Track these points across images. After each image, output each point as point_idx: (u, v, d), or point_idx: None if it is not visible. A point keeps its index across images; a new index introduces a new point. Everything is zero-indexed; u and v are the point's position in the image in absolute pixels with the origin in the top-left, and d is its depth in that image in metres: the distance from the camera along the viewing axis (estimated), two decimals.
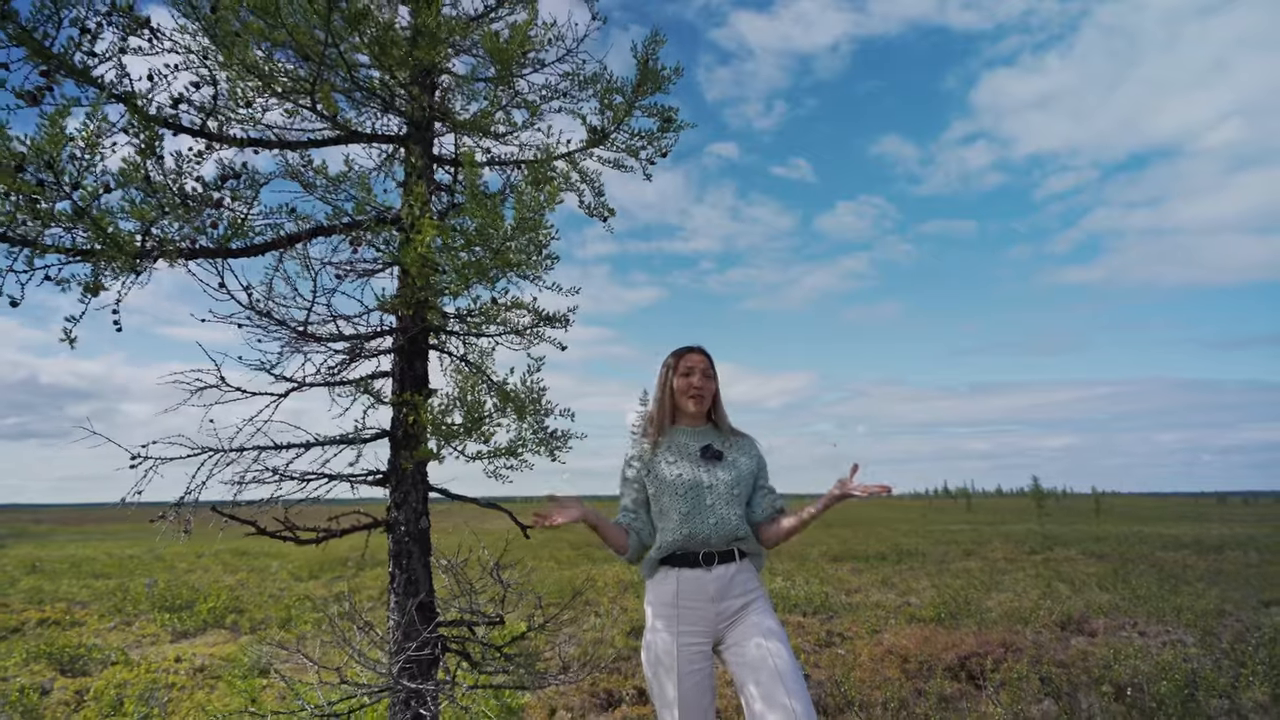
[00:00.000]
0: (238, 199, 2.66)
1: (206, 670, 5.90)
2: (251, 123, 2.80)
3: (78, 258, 2.35)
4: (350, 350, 2.90)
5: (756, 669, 2.16)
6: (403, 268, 2.81)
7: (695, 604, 2.30)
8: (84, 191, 2.14)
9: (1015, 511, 69.14)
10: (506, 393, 2.88)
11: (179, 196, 2.46)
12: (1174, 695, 4.43)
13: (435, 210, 3.13)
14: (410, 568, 2.90)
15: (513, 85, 3.02)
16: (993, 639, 6.34)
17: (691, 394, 2.40)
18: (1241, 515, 55.11)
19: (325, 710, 2.62)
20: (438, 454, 2.79)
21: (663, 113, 3.38)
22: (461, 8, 3.47)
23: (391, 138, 3.22)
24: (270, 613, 9.25)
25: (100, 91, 2.45)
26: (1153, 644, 6.60)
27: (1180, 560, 15.73)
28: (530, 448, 2.94)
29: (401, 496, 2.95)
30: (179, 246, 2.52)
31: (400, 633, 2.75)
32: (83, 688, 5.22)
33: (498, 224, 2.44)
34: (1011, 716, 4.30)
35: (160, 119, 2.50)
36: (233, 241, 2.71)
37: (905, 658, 5.81)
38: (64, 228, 2.28)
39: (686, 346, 2.49)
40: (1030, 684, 4.89)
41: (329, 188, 2.98)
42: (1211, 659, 5.55)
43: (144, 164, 2.29)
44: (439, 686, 2.69)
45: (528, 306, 2.96)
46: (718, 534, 2.30)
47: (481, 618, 2.91)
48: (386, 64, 2.88)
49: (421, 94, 3.11)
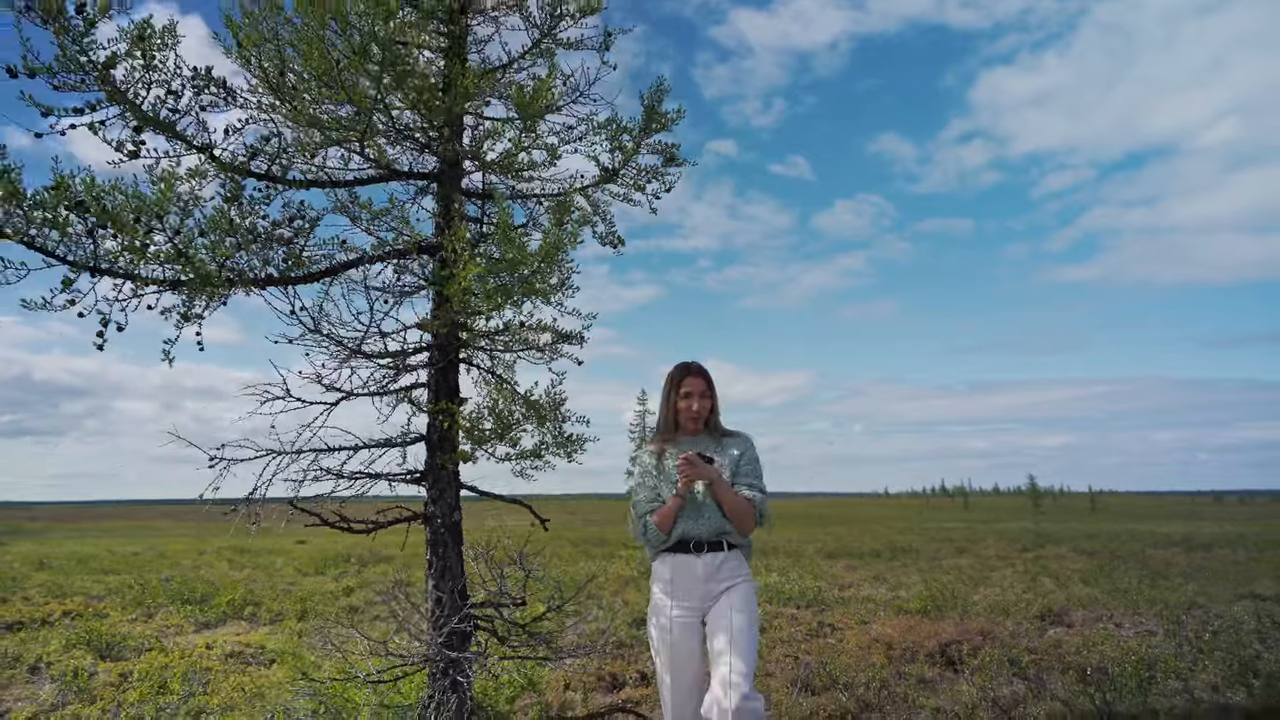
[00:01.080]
0: (299, 234, 3.07)
1: (238, 656, 6.31)
2: (308, 165, 3.20)
3: (172, 289, 2.75)
4: (395, 365, 3.31)
5: (718, 634, 2.63)
6: (442, 294, 3.21)
7: (687, 584, 2.74)
8: (183, 236, 2.54)
9: (1011, 510, 69.68)
10: (532, 403, 3.30)
11: (251, 234, 2.87)
12: (1132, 677, 4.85)
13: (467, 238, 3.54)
14: (445, 556, 3.31)
15: (535, 131, 3.43)
16: (973, 628, 6.76)
17: (691, 415, 2.82)
18: (1236, 514, 55.62)
19: (376, 677, 3.03)
20: (473, 456, 3.20)
21: (666, 150, 3.79)
22: (486, 54, 3.89)
23: (426, 175, 3.63)
24: (285, 605, 9.66)
25: (185, 144, 2.86)
26: (1124, 634, 7.01)
27: (1166, 557, 16.18)
28: (551, 450, 3.35)
29: (438, 493, 3.36)
30: (251, 277, 2.93)
31: (438, 611, 3.17)
32: (125, 671, 5.63)
33: (526, 258, 2.85)
34: (983, 696, 4.72)
35: (240, 168, 2.91)
36: (293, 271, 3.11)
37: (890, 645, 6.23)
38: (161, 264, 2.68)
39: (686, 367, 2.89)
40: (1002, 668, 5.31)
41: (373, 220, 3.39)
42: (1174, 646, 5.97)
43: (229, 210, 2.70)
44: (473, 657, 3.10)
45: (549, 327, 3.37)
46: (708, 530, 2.74)
47: (508, 599, 3.33)
48: (425, 113, 3.29)
49: (453, 136, 3.52)
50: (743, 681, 2.54)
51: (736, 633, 2.60)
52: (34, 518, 72.03)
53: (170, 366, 2.68)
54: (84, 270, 2.57)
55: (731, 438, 2.88)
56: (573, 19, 3.68)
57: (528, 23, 3.71)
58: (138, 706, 4.60)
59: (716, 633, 2.64)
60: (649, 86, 3.61)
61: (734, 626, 2.61)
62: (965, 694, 4.79)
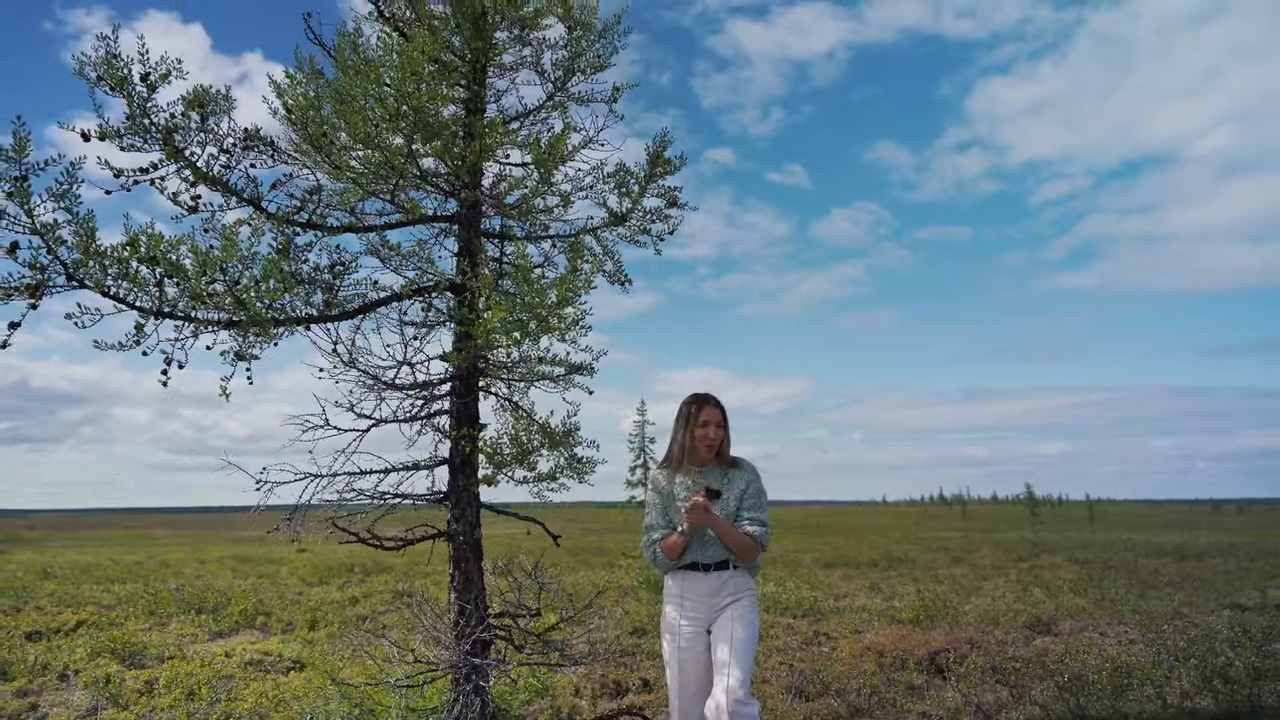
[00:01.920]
0: (338, 277, 3.38)
1: (257, 664, 6.57)
2: (344, 213, 3.51)
3: (226, 329, 3.06)
4: (423, 395, 3.61)
5: (720, 644, 2.93)
6: (464, 330, 3.52)
7: (695, 598, 3.03)
8: (241, 285, 2.85)
9: (1009, 519, 69.94)
10: (548, 431, 3.60)
11: (295, 279, 3.17)
12: (1109, 683, 5.14)
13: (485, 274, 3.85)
14: (467, 570, 3.60)
15: (550, 180, 3.74)
16: (962, 637, 7.05)
17: (707, 443, 3.08)
18: (1233, 523, 55.95)
19: (404, 681, 3.32)
20: (495, 479, 3.50)
21: (668, 194, 4.11)
22: (504, 105, 4.21)
23: (448, 217, 3.94)
24: (295, 615, 9.92)
25: (236, 198, 3.17)
26: (1107, 643, 7.29)
27: (1157, 567, 16.46)
28: (565, 473, 3.65)
29: (459, 512, 3.66)
30: (294, 316, 3.23)
31: (461, 621, 3.46)
32: (151, 678, 5.89)
33: (544, 300, 3.16)
34: (966, 701, 5.00)
35: (286, 218, 3.22)
36: (330, 310, 3.42)
37: (881, 653, 6.51)
38: (217, 308, 2.99)
39: (705, 398, 3.15)
40: (987, 675, 5.59)
41: (401, 262, 3.69)
42: (1152, 654, 6.25)
43: (279, 259, 3.00)
44: (494, 664, 3.39)
45: (562, 360, 3.67)
46: (713, 556, 3.02)
47: (524, 610, 3.62)
48: (451, 164, 3.60)
49: (473, 183, 3.83)
50: (739, 688, 2.83)
51: (736, 643, 2.89)
52: (31, 526, 72.10)
53: (227, 400, 2.99)
54: (151, 315, 2.87)
55: (738, 469, 3.14)
56: (584, 75, 4.00)
57: (542, 78, 4.03)
58: (170, 712, 4.88)
59: (719, 643, 2.93)
60: (654, 135, 3.94)
61: (734, 637, 2.90)
62: (950, 700, 5.07)
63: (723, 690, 2.82)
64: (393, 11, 3.90)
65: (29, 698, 5.49)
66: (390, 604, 11.66)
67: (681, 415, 3.16)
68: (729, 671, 2.85)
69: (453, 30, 3.75)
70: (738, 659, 2.87)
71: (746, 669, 2.88)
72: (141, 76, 3.12)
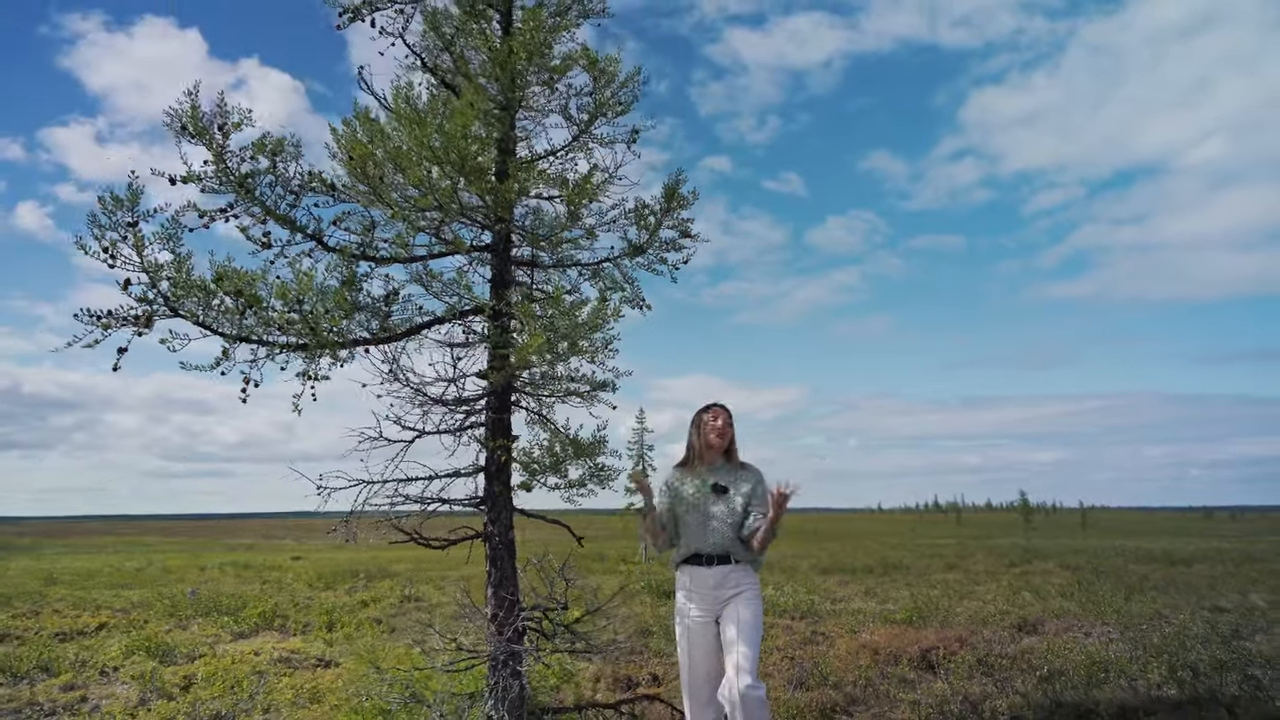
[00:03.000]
0: (390, 304, 3.78)
1: (286, 661, 6.93)
2: (395, 246, 3.92)
3: (296, 352, 3.46)
4: (465, 410, 4.01)
5: (728, 627, 3.32)
6: (498, 350, 3.92)
7: (701, 590, 3.42)
8: (314, 313, 3.25)
9: (1003, 526, 70.51)
10: (578, 443, 4.00)
11: (356, 307, 3.58)
12: (1085, 675, 5.54)
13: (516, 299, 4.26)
14: (502, 568, 4.00)
15: (578, 215, 4.15)
16: (952, 636, 7.44)
17: (715, 433, 3.48)
18: (1225, 530, 56.51)
19: (449, 667, 3.71)
20: (531, 485, 3.90)
21: (681, 225, 4.53)
22: (533, 143, 4.62)
23: (484, 247, 4.34)
24: (312, 617, 10.27)
25: (302, 234, 3.58)
26: (1090, 641, 7.70)
27: (1144, 572, 16.90)
28: (591, 481, 4.05)
29: (495, 515, 4.05)
30: (354, 339, 3.63)
31: (500, 613, 3.85)
32: (189, 673, 6.25)
33: (577, 327, 3.57)
34: (954, 692, 5.40)
35: (346, 251, 3.62)
36: (382, 333, 3.82)
37: (876, 650, 6.91)
38: (292, 334, 3.39)
39: (711, 405, 3.59)
40: (974, 669, 6.00)
41: (442, 289, 4.10)
42: (1129, 650, 6.67)
43: (345, 291, 3.41)
44: (530, 650, 3.78)
45: (588, 379, 4.08)
46: (713, 548, 3.41)
47: (555, 603, 4.01)
48: (489, 202, 4.01)
49: (507, 216, 4.24)
50: (748, 673, 3.22)
51: (743, 625, 3.28)
52: (22, 533, 71.95)
53: (299, 416, 3.38)
54: (235, 341, 3.27)
55: (746, 469, 3.56)
56: (606, 118, 4.42)
57: (569, 121, 4.45)
58: (217, 702, 5.24)
59: (727, 625, 3.32)
60: (671, 172, 4.37)
61: (741, 619, 3.29)
62: (939, 691, 5.47)
63: (733, 668, 3.21)
64: (435, 63, 4.32)
65: (76, 691, 5.85)
66: (399, 608, 12.04)
67: (694, 420, 3.62)
68: (737, 650, 3.23)
69: (490, 78, 4.17)
70: (745, 639, 3.26)
71: (754, 649, 3.27)
72: (219, 127, 3.53)
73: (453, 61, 4.22)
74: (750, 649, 3.24)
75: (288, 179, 3.63)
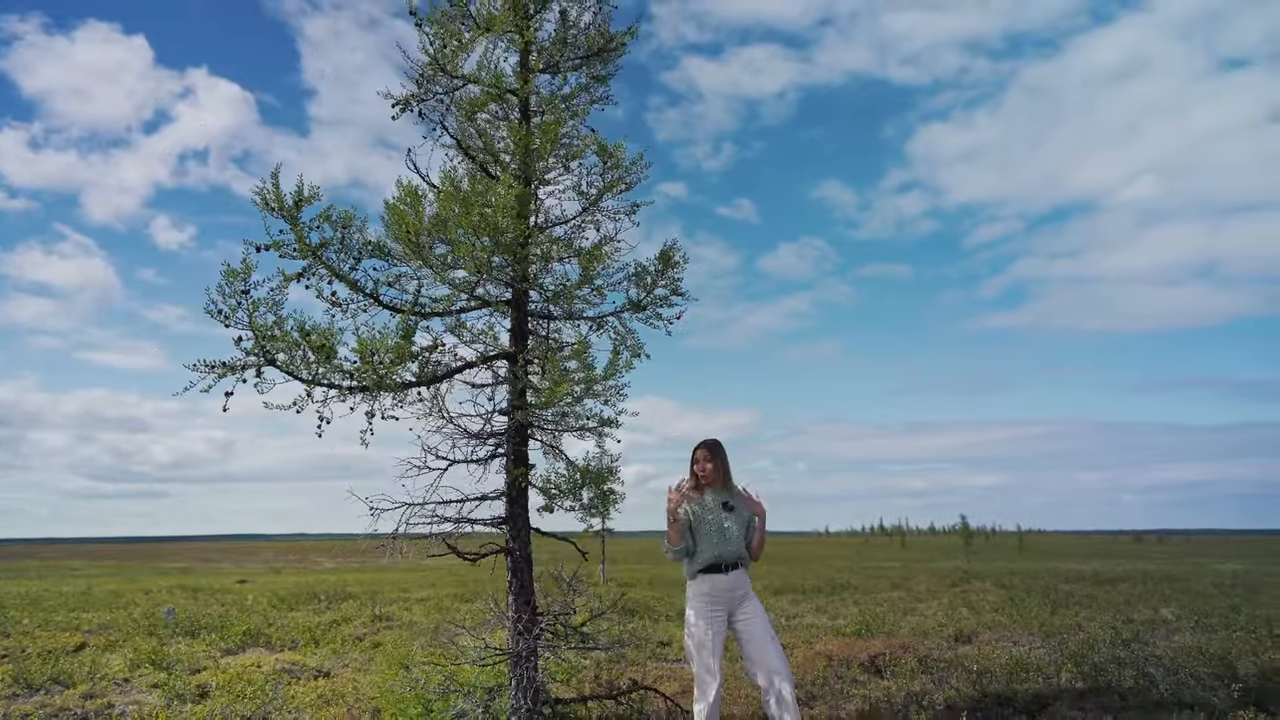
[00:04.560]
0: (434, 352, 4.48)
1: (288, 671, 7.39)
2: (435, 302, 4.63)
3: (358, 393, 4.12)
4: (495, 442, 4.71)
5: (753, 639, 4.11)
6: (518, 389, 4.63)
7: (720, 593, 4.18)
8: (381, 363, 3.93)
9: (945, 549, 72.78)
10: (588, 471, 4.73)
11: (411, 356, 4.27)
12: (1009, 674, 6.44)
13: (531, 347, 4.99)
14: (522, 577, 4.68)
15: (590, 278, 4.91)
16: (896, 644, 8.31)
17: (703, 473, 4.27)
18: (1153, 552, 59.55)
19: (481, 662, 4.37)
20: (551, 507, 4.61)
21: (673, 284, 5.33)
22: (549, 213, 5.38)
23: (505, 302, 5.07)
24: (294, 635, 10.63)
25: (363, 295, 4.27)
26: (1017, 648, 8.66)
27: (1071, 590, 18.21)
28: (598, 505, 4.77)
29: (515, 533, 4.74)
30: (405, 382, 4.32)
31: (521, 616, 4.53)
32: (202, 683, 6.69)
33: (595, 376, 4.32)
34: (898, 689, 6.23)
35: (401, 308, 4.31)
36: (424, 376, 4.51)
37: (830, 657, 7.72)
38: (355, 379, 4.06)
39: (699, 444, 4.37)
40: (915, 671, 6.85)
41: (472, 338, 4.81)
42: (1048, 654, 7.62)
43: (405, 344, 4.10)
44: (546, 647, 4.47)
45: (596, 415, 4.82)
46: (731, 555, 4.18)
47: (566, 608, 4.71)
48: (513, 264, 4.75)
49: (526, 276, 4.98)
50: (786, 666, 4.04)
51: (770, 633, 4.11)
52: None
53: (366, 448, 4.03)
54: (313, 385, 3.93)
55: (741, 493, 4.36)
56: (612, 193, 5.21)
57: (580, 195, 5.22)
58: (245, 704, 5.74)
59: (754, 622, 4.14)
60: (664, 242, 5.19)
61: (767, 628, 4.14)
62: (885, 687, 6.30)
63: (776, 658, 4.01)
64: (468, 143, 5.06)
65: (99, 699, 6.25)
66: (371, 626, 12.41)
67: (692, 458, 4.40)
68: (774, 652, 4.10)
69: (514, 156, 4.93)
70: (775, 641, 4.15)
71: (783, 655, 4.10)
72: (295, 203, 4.21)
73: (482, 144, 4.97)
74: (781, 655, 4.09)
75: (351, 246, 4.32)
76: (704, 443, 4.39)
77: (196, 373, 3.70)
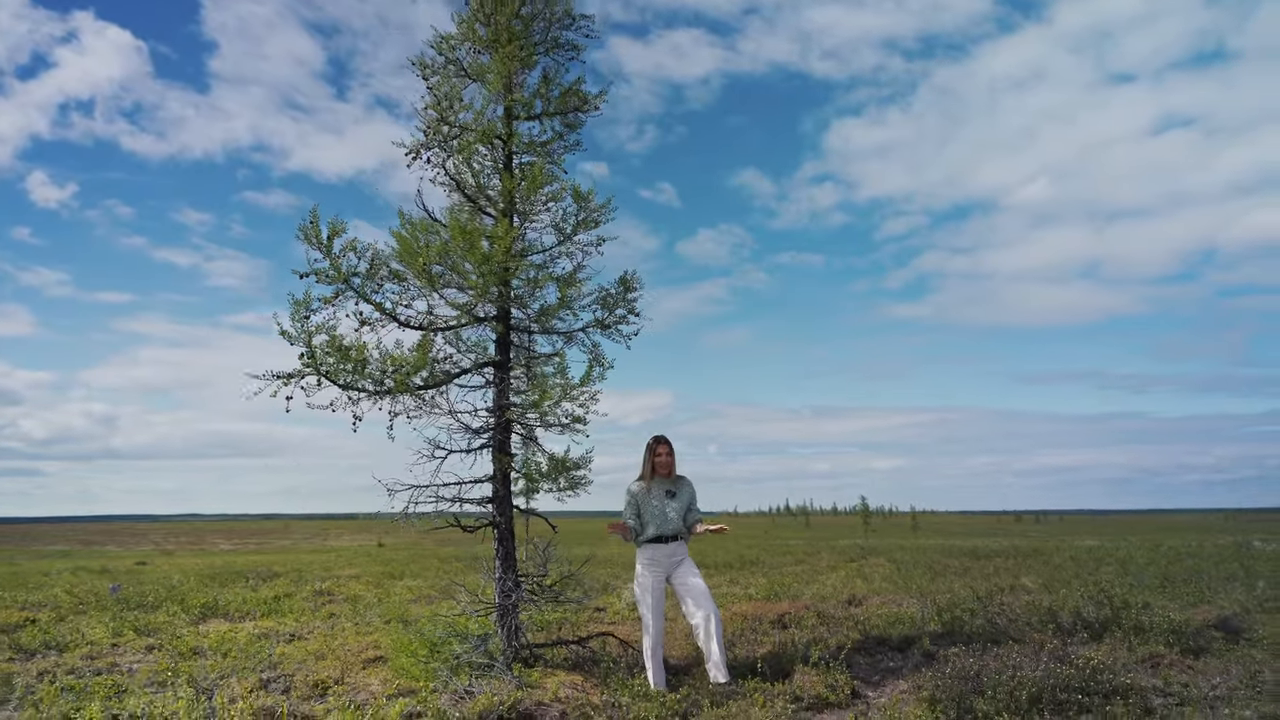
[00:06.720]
0: (439, 360, 5.46)
1: (268, 636, 8.16)
2: (439, 319, 5.60)
3: (382, 396, 5.08)
4: (488, 434, 5.73)
5: (689, 591, 5.27)
6: (503, 390, 5.67)
7: (661, 560, 5.35)
8: (405, 372, 4.91)
9: (846, 528, 77.24)
10: (562, 461, 5.82)
11: (425, 366, 5.24)
12: (889, 624, 7.96)
13: (514, 357, 6.02)
14: (506, 546, 5.75)
15: (566, 301, 5.97)
16: (800, 605, 9.79)
17: (664, 467, 5.43)
18: (1030, 531, 65.23)
19: (469, 613, 5.43)
20: (536, 489, 5.68)
21: (630, 306, 6.46)
22: (528, 236, 6.39)
23: (492, 318, 6.08)
24: (251, 606, 11.24)
25: (387, 316, 5.22)
26: (898, 608, 10.31)
27: (949, 563, 20.57)
28: (569, 488, 5.88)
29: (501, 510, 5.79)
30: (417, 385, 5.30)
31: (505, 577, 5.61)
32: (193, 645, 7.41)
33: (572, 386, 5.41)
34: (801, 635, 7.64)
35: (414, 325, 5.28)
36: (430, 380, 5.50)
37: (745, 616, 9.11)
38: (380, 384, 5.01)
39: (660, 438, 5.52)
40: (816, 625, 8.30)
41: (467, 349, 5.81)
42: (921, 611, 9.25)
43: (423, 356, 5.08)
44: (527, 600, 5.57)
45: (569, 413, 5.91)
46: (669, 532, 5.35)
47: (541, 571, 5.81)
48: (500, 287, 5.77)
49: (509, 296, 5.99)
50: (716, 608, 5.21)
51: (703, 587, 5.26)
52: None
53: (392, 441, 5.00)
54: (346, 389, 4.86)
55: (684, 480, 5.54)
56: (585, 229, 6.28)
57: (556, 231, 6.26)
58: (249, 659, 6.57)
59: (689, 579, 5.28)
60: (626, 270, 6.30)
61: (699, 585, 5.27)
62: (791, 635, 7.70)
63: (707, 602, 5.17)
64: (463, 182, 6.01)
65: (103, 659, 6.90)
66: (313, 600, 13.08)
67: (647, 449, 5.54)
68: (705, 598, 5.23)
69: (503, 196, 5.93)
70: (708, 595, 5.27)
71: (715, 607, 5.29)
72: (329, 234, 5.10)
73: (477, 187, 5.95)
74: (711, 601, 5.24)
75: (375, 273, 5.24)
76: (662, 438, 5.54)
77: (263, 380, 4.58)
